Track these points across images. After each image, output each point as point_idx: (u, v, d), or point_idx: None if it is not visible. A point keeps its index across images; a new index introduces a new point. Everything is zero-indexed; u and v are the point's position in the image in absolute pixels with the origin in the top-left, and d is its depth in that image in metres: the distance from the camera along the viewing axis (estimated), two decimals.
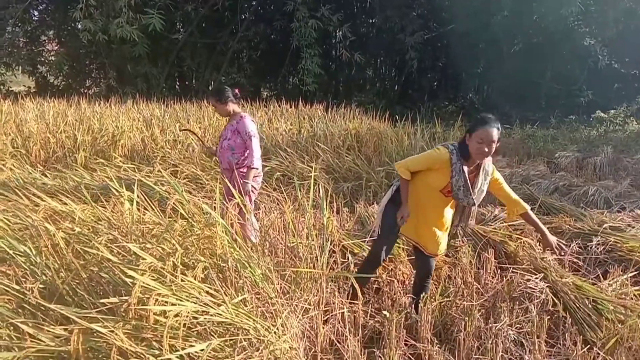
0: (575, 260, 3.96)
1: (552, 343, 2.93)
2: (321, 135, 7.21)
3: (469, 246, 4.02)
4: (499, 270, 3.75)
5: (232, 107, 4.11)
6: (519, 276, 3.48)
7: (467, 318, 2.88)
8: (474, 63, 15.61)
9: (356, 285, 2.67)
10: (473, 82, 16.57)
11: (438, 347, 2.76)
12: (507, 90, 14.35)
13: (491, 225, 4.47)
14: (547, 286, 3.33)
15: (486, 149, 2.70)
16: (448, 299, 3.21)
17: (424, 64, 15.78)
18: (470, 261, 3.72)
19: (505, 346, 2.75)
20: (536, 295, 3.25)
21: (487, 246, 4.06)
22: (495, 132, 2.70)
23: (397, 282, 3.40)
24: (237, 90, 4.16)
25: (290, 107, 10.04)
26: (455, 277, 3.50)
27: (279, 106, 10.12)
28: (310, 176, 5.68)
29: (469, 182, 2.82)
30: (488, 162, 2.88)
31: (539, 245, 4.03)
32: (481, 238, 4.21)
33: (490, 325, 2.88)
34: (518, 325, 2.94)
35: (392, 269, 3.63)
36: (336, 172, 6.09)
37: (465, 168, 2.82)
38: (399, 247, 3.85)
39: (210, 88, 17.20)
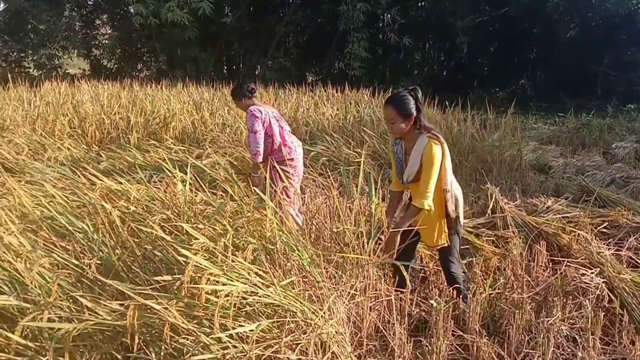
0: (633, 256, 3.78)
1: (607, 341, 2.82)
2: (368, 120, 7.14)
3: (520, 238, 3.91)
4: (551, 264, 3.64)
5: (247, 102, 4.15)
6: (573, 270, 3.36)
7: (517, 311, 2.80)
8: (526, 48, 15.08)
9: (405, 273, 2.64)
10: (525, 68, 16.01)
11: (487, 339, 2.70)
12: (561, 77, 13.81)
13: (543, 217, 4.32)
14: (603, 282, 3.20)
15: (387, 126, 2.84)
16: (497, 290, 3.13)
17: (474, 48, 15.36)
18: (521, 253, 3.62)
19: (557, 341, 2.66)
20: (591, 291, 3.13)
21: (539, 238, 3.93)
22: (386, 110, 2.79)
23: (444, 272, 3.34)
24: (252, 85, 4.23)
25: (337, 91, 9.99)
26: (504, 269, 3.42)
27: (325, 91, 10.08)
28: (357, 162, 5.69)
29: (401, 161, 2.87)
30: (419, 142, 2.77)
31: (596, 239, 3.88)
32: (532, 229, 4.08)
33: (541, 319, 2.79)
34: (571, 321, 2.84)
35: (439, 258, 3.56)
36: (382, 158, 6.02)
37: (400, 148, 2.89)
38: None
39: (256, 72, 17.37)
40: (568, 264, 3.50)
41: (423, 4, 17.12)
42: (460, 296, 2.97)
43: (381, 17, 15.97)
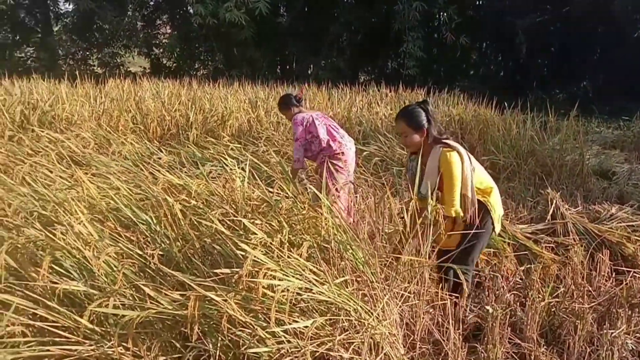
0: None
1: None
2: None
3: (581, 245, 3.76)
4: (614, 274, 3.48)
5: (294, 111, 4.34)
6: (639, 282, 3.20)
7: (578, 321, 2.70)
8: (589, 49, 14.41)
9: (462, 278, 2.59)
10: (588, 69, 15.29)
11: (545, 348, 2.62)
12: (626, 80, 13.09)
13: (606, 225, 4.13)
14: None
15: (400, 140, 2.67)
16: (557, 299, 3.02)
17: (534, 48, 14.84)
18: (582, 261, 3.48)
19: (622, 355, 2.55)
20: None
21: (602, 246, 3.77)
22: (397, 124, 2.85)
23: (501, 278, 3.25)
24: (299, 94, 4.47)
25: (390, 91, 9.92)
26: (564, 277, 3.29)
27: (379, 90, 10.03)
28: None
29: (414, 175, 2.82)
30: (433, 154, 2.73)
31: None
32: (595, 237, 3.92)
33: (604, 331, 2.67)
34: (638, 335, 2.71)
35: (495, 264, 3.48)
36: None
37: (415, 164, 2.85)
38: (504, 242, 3.70)
39: (309, 72, 17.49)
40: (634, 274, 3.33)
41: (481, 2, 16.73)
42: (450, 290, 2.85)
43: (437, 16, 15.72)
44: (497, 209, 2.87)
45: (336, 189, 4.11)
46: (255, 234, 2.20)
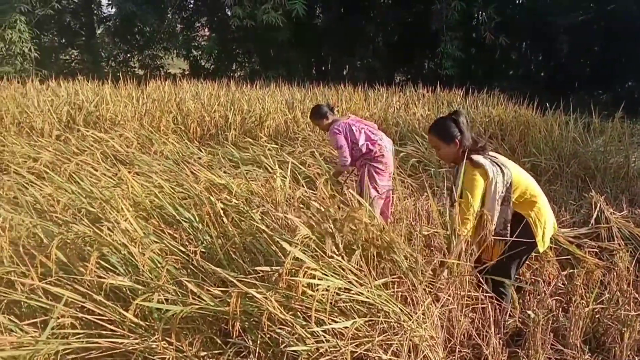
0: None
1: None
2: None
3: (627, 251, 3.63)
4: None
5: (327, 122, 4.33)
6: None
7: (624, 329, 2.61)
8: (635, 47, 13.86)
9: (508, 283, 2.55)
10: (633, 68, 14.73)
11: (589, 355, 2.55)
12: None
13: None
14: None
15: (436, 153, 2.93)
16: (601, 306, 2.93)
17: (576, 48, 14.41)
18: (628, 267, 3.36)
19: None
20: None
21: None
22: (429, 137, 2.90)
23: (542, 282, 3.18)
24: (331, 104, 4.50)
25: (427, 92, 9.82)
26: (609, 283, 3.19)
27: (416, 91, 9.94)
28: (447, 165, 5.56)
29: (455, 183, 2.80)
30: (461, 167, 2.71)
31: None
32: None
33: None
34: None
35: (537, 268, 3.41)
36: None
37: (455, 172, 2.86)
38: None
39: (345, 73, 17.48)
40: None
41: (521, 1, 16.37)
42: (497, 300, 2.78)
43: (476, 15, 15.46)
44: (544, 224, 2.75)
45: (377, 191, 4.12)
46: (298, 231, 2.22)
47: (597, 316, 2.91)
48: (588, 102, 7.45)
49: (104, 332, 2.15)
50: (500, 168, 2.67)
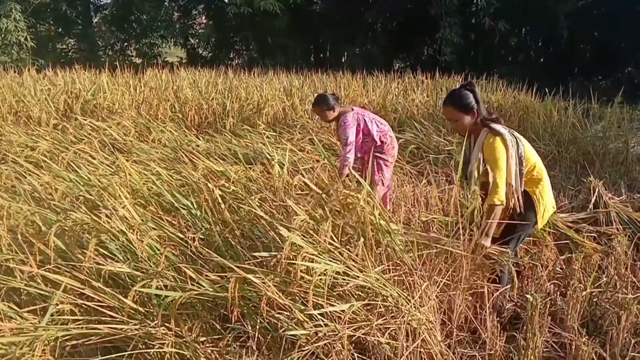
0: None
1: None
2: None
3: (625, 235, 3.64)
4: None
5: (334, 112, 4.05)
6: None
7: (622, 312, 2.63)
8: (635, 33, 13.79)
9: (511, 268, 2.55)
10: (633, 54, 14.66)
11: (586, 338, 2.56)
12: None
13: None
14: None
15: (451, 125, 2.87)
16: (599, 289, 2.95)
17: (576, 33, 14.33)
18: (626, 252, 3.37)
19: None
20: None
21: None
22: (445, 110, 2.81)
23: (540, 267, 3.19)
24: (336, 94, 4.22)
25: (426, 78, 9.78)
26: (607, 267, 3.21)
27: (414, 77, 9.90)
28: (447, 150, 5.56)
29: (467, 157, 2.80)
30: (480, 137, 2.68)
31: None
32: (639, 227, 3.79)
33: None
34: None
35: (535, 253, 3.42)
36: None
37: (468, 144, 2.82)
38: (544, 230, 3.61)
39: (343, 60, 17.40)
40: None
41: None
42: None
43: (475, 1, 15.35)
44: (545, 202, 2.77)
45: (384, 184, 4.07)
46: (296, 216, 2.22)
47: (594, 300, 2.92)
48: (587, 87, 7.42)
49: (103, 318, 2.15)
50: (516, 139, 2.66)
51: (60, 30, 19.01)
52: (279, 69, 11.07)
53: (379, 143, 4.03)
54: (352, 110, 4.08)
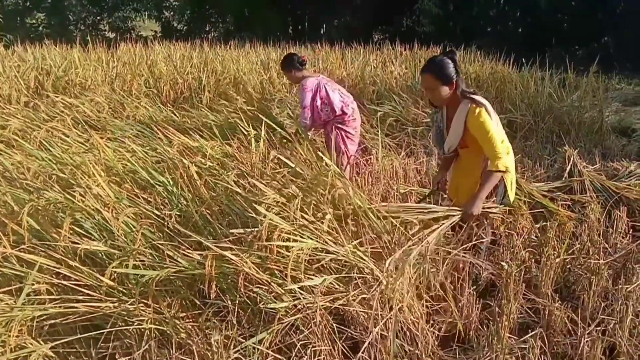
0: None
1: None
2: None
3: (598, 203, 3.72)
4: (631, 230, 3.46)
5: (297, 74, 4.09)
6: None
7: (593, 277, 2.70)
8: (612, 2, 13.85)
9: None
10: (610, 24, 14.74)
11: (559, 303, 2.63)
12: None
13: (625, 182, 4.08)
14: None
15: (427, 95, 2.73)
16: (572, 256, 3.02)
17: (554, 3, 14.33)
18: (599, 219, 3.45)
19: (637, 309, 2.55)
20: None
21: (619, 204, 3.72)
22: (424, 78, 2.64)
23: (516, 235, 3.25)
24: (303, 57, 4.17)
25: (405, 50, 9.73)
26: (580, 234, 3.28)
27: (393, 49, 9.84)
28: (425, 122, 5.57)
29: (441, 130, 2.78)
30: (461, 108, 2.62)
31: None
32: (612, 195, 3.87)
33: (619, 286, 2.67)
34: None
35: (511, 222, 3.48)
36: None
37: (440, 116, 2.79)
38: (519, 200, 3.67)
39: (322, 32, 17.19)
40: None
41: None
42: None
43: None
44: (512, 174, 2.80)
45: (347, 156, 4.08)
46: (267, 194, 2.22)
47: (568, 266, 3.00)
48: (564, 57, 7.46)
49: (80, 297, 2.14)
50: (492, 111, 2.66)
51: (28, 4, 18.35)
52: (256, 42, 10.89)
53: (338, 113, 4.03)
54: (318, 77, 4.10)
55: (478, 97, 2.64)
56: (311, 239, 2.17)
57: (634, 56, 12.34)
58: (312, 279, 2.14)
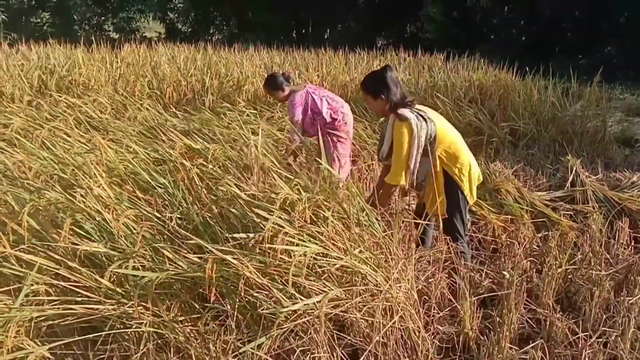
0: None
1: None
2: (441, 85, 6.92)
3: (600, 213, 3.71)
4: (633, 242, 3.45)
5: (285, 93, 4.14)
6: None
7: (594, 288, 2.69)
8: (616, 12, 13.86)
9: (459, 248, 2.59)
10: (614, 33, 14.76)
11: (560, 314, 2.62)
12: None
13: (627, 192, 4.07)
14: None
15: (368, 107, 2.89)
16: (574, 266, 3.01)
17: (558, 12, 14.35)
18: (601, 229, 3.44)
19: (639, 322, 2.53)
20: None
21: (622, 214, 3.72)
22: (361, 91, 2.92)
23: (517, 244, 3.24)
24: (287, 73, 4.25)
25: (408, 56, 9.73)
26: (582, 245, 3.27)
27: (397, 55, 9.85)
28: None
29: (383, 136, 2.91)
30: (390, 121, 2.81)
31: None
32: (615, 205, 3.86)
33: (621, 298, 2.66)
34: None
35: (512, 231, 3.46)
36: (456, 126, 5.84)
37: (386, 125, 2.90)
38: (522, 209, 3.66)
39: (325, 36, 17.22)
40: None
41: None
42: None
43: None
44: (470, 177, 2.85)
45: (339, 161, 4.09)
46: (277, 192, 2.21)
47: (569, 277, 2.98)
48: (568, 66, 7.45)
49: (79, 298, 2.13)
50: (426, 122, 2.72)
51: (33, 3, 18.40)
52: (260, 45, 10.90)
53: (329, 120, 4.06)
54: (305, 88, 4.12)
55: (404, 111, 2.74)
56: (315, 243, 2.15)
57: (638, 66, 12.34)
58: (313, 284, 2.12)
